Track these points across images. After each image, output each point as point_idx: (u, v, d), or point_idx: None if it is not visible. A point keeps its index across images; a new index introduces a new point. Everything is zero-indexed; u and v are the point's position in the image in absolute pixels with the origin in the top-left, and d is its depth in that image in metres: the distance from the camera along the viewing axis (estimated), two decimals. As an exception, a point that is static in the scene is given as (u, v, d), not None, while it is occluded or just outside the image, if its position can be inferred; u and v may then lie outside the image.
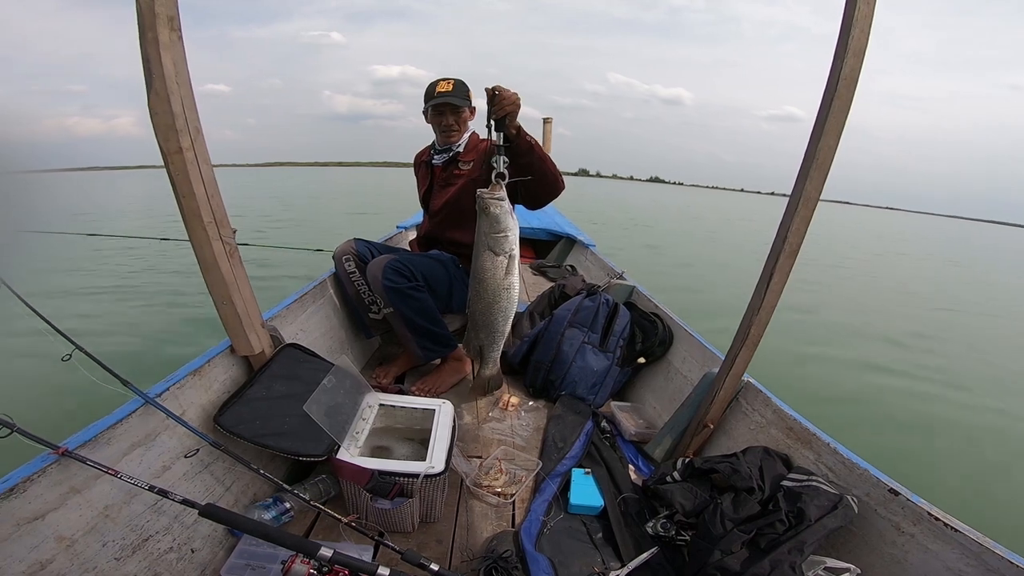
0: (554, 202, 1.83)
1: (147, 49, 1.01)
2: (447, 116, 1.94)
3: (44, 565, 0.85)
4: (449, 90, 1.89)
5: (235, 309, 1.32)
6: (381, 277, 1.80)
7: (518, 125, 1.41)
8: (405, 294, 1.83)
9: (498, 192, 1.24)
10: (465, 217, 2.01)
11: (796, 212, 1.22)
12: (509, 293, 1.35)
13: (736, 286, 4.14)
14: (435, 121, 1.97)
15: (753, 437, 1.47)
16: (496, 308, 1.36)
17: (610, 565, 1.22)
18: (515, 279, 1.35)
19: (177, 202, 1.17)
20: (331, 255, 2.11)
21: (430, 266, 1.95)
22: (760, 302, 1.34)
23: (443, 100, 1.89)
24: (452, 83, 1.89)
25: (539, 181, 1.56)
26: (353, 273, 2.03)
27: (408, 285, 1.83)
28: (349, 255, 2.03)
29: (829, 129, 1.13)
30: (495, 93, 1.27)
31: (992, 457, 3.08)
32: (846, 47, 1.07)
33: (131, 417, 1.08)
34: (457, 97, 1.90)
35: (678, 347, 2.04)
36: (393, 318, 1.90)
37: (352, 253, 2.03)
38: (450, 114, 1.94)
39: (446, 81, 1.89)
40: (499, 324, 1.39)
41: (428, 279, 1.90)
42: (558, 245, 4.34)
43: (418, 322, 1.89)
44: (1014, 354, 5.55)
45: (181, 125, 1.09)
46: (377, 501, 1.19)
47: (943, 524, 0.99)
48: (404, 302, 1.84)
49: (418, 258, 1.96)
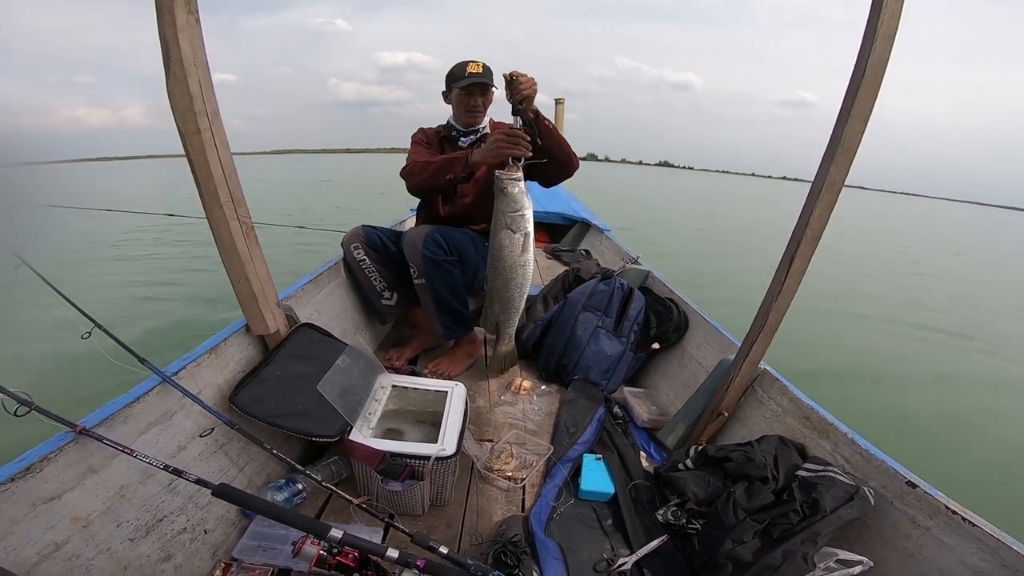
0: (568, 186, 1.87)
1: (165, 31, 1.02)
2: (476, 97, 1.94)
3: (59, 546, 0.85)
4: (480, 71, 1.88)
5: (251, 288, 1.32)
6: (421, 247, 1.80)
7: (535, 109, 1.48)
8: (441, 266, 1.84)
9: (515, 173, 1.36)
10: (484, 199, 2.03)
11: (820, 196, 1.19)
12: (525, 270, 1.49)
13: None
14: (463, 101, 1.94)
15: (768, 426, 1.45)
16: (513, 284, 1.50)
17: (619, 552, 1.22)
18: (530, 256, 1.48)
19: (195, 183, 1.18)
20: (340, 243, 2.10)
21: (464, 242, 1.95)
22: (779, 288, 1.31)
23: (477, 80, 1.88)
24: (481, 65, 1.88)
25: (555, 162, 1.63)
26: (363, 260, 2.02)
27: (445, 258, 1.84)
28: (357, 242, 2.01)
29: (856, 114, 1.10)
30: (512, 78, 1.35)
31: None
32: (875, 32, 1.03)
33: (148, 396, 1.09)
34: (488, 78, 1.89)
35: (693, 333, 2.02)
36: (422, 290, 1.90)
37: (361, 240, 2.01)
38: (479, 95, 1.94)
39: (475, 63, 1.88)
40: (515, 300, 1.53)
41: (461, 255, 1.91)
42: (573, 229, 4.31)
43: (446, 297, 1.89)
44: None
45: (199, 107, 1.10)
46: (388, 483, 1.20)
47: (960, 518, 0.96)
48: (438, 275, 1.84)
49: (456, 233, 1.94)
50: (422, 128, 2.09)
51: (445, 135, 2.06)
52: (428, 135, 2.07)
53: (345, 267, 2.10)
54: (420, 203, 2.19)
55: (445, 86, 1.97)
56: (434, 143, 2.06)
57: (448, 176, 1.74)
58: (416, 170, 1.86)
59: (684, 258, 7.91)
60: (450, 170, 1.73)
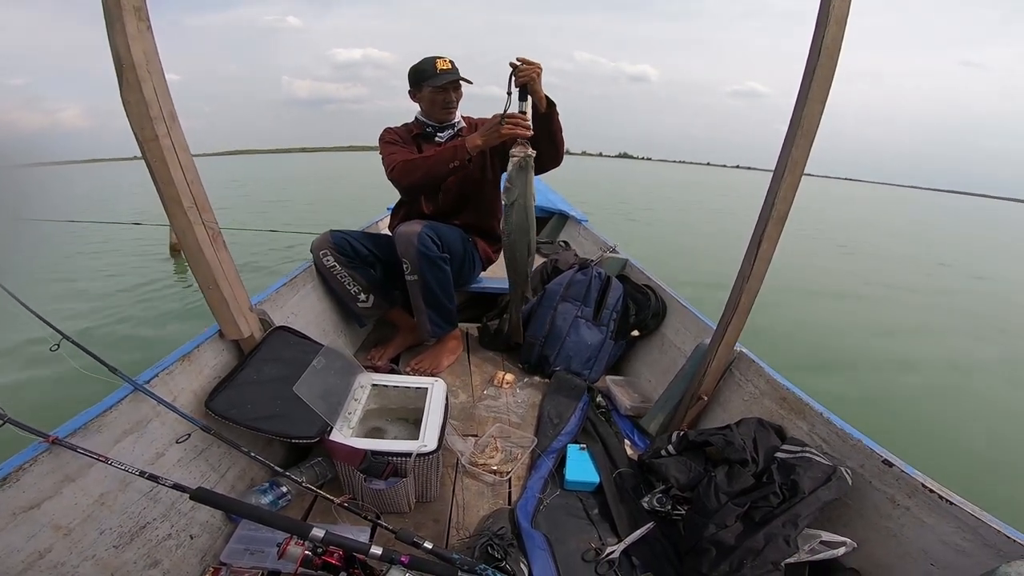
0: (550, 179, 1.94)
1: (116, 40, 1.00)
2: (450, 93, 1.93)
3: (43, 554, 0.85)
4: (450, 68, 1.87)
5: (221, 293, 1.30)
6: (416, 242, 1.79)
7: (544, 94, 1.59)
8: (435, 262, 1.84)
9: (530, 149, 1.49)
10: (476, 192, 2.04)
11: (783, 178, 1.21)
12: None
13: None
14: (438, 99, 1.92)
15: (747, 408, 1.47)
16: (532, 258, 1.67)
17: (607, 541, 1.23)
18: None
19: (156, 189, 1.15)
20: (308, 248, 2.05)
21: (454, 239, 1.95)
22: (750, 270, 1.33)
23: (454, 77, 1.88)
24: (449, 61, 1.87)
25: (552, 149, 1.75)
26: (334, 267, 1.96)
27: (439, 255, 1.84)
28: (326, 249, 1.95)
29: (813, 96, 1.13)
30: (519, 64, 1.48)
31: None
32: (827, 15, 1.06)
33: (121, 404, 1.07)
34: (459, 74, 1.89)
35: (671, 319, 2.04)
36: (413, 286, 1.89)
37: (329, 246, 1.95)
38: (452, 91, 1.93)
39: (442, 59, 1.86)
40: (529, 271, 1.70)
41: (452, 252, 1.91)
42: (551, 221, 4.31)
43: (437, 294, 1.89)
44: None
45: (156, 113, 1.07)
46: (371, 482, 1.19)
47: (938, 496, 0.98)
48: (431, 271, 1.84)
49: (446, 229, 1.93)
50: (390, 128, 2.03)
51: (419, 132, 2.02)
52: (400, 134, 2.02)
53: (317, 272, 2.05)
54: (399, 202, 2.17)
55: (411, 84, 1.94)
56: (408, 141, 2.01)
57: (452, 165, 1.74)
58: (409, 168, 1.83)
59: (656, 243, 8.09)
60: (453, 158, 1.72)
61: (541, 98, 1.59)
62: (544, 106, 1.62)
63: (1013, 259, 12.09)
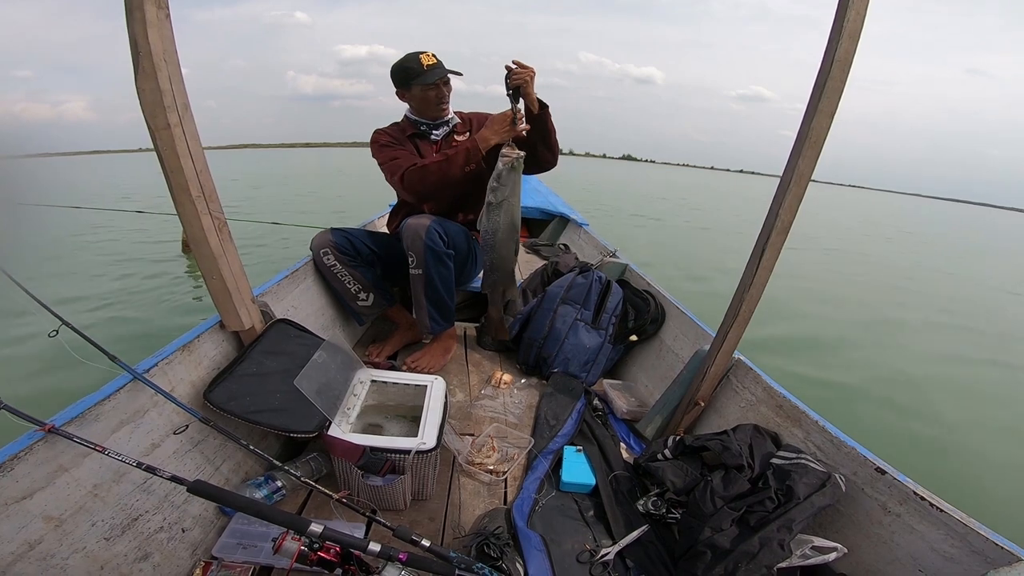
0: (548, 181, 1.96)
1: (134, 27, 1.00)
2: (442, 88, 1.90)
3: (33, 545, 0.84)
4: (436, 63, 1.84)
5: (224, 284, 1.30)
6: (424, 236, 1.79)
7: (537, 97, 1.67)
8: (440, 258, 1.84)
9: (518, 150, 1.56)
10: (477, 191, 2.01)
11: (789, 189, 1.22)
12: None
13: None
14: (431, 95, 1.88)
15: (743, 415, 1.48)
16: (516, 252, 1.72)
17: (601, 542, 1.23)
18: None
19: (165, 177, 1.15)
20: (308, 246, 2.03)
21: (459, 237, 1.95)
22: (751, 279, 1.33)
23: (444, 72, 1.85)
24: (433, 55, 1.84)
25: (546, 151, 1.82)
26: (334, 266, 1.95)
27: (445, 251, 1.85)
28: (327, 248, 1.93)
29: (823, 109, 1.14)
30: (514, 67, 1.57)
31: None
32: (841, 29, 1.06)
33: (119, 393, 1.06)
34: (445, 68, 1.86)
35: (670, 324, 2.04)
36: (417, 280, 1.88)
37: (330, 245, 1.93)
38: (443, 86, 1.90)
39: (426, 54, 1.83)
40: (513, 265, 1.75)
41: (456, 249, 1.92)
42: (551, 224, 4.32)
43: (439, 289, 1.89)
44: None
45: (169, 102, 1.07)
46: (369, 478, 1.19)
47: (928, 504, 0.99)
48: (436, 266, 1.85)
49: (452, 226, 1.92)
50: (381, 130, 1.98)
51: (413, 132, 1.98)
52: (394, 135, 1.97)
53: (316, 271, 2.03)
54: (400, 200, 2.15)
55: (397, 83, 1.90)
56: (403, 142, 1.96)
57: (467, 168, 1.75)
58: (421, 175, 1.78)
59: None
60: (468, 162, 1.74)
61: (533, 101, 1.66)
62: (536, 108, 1.68)
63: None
